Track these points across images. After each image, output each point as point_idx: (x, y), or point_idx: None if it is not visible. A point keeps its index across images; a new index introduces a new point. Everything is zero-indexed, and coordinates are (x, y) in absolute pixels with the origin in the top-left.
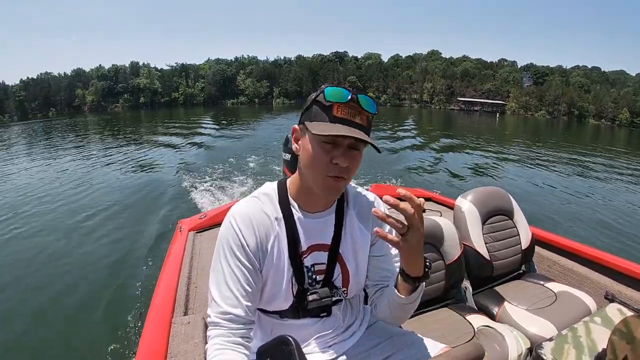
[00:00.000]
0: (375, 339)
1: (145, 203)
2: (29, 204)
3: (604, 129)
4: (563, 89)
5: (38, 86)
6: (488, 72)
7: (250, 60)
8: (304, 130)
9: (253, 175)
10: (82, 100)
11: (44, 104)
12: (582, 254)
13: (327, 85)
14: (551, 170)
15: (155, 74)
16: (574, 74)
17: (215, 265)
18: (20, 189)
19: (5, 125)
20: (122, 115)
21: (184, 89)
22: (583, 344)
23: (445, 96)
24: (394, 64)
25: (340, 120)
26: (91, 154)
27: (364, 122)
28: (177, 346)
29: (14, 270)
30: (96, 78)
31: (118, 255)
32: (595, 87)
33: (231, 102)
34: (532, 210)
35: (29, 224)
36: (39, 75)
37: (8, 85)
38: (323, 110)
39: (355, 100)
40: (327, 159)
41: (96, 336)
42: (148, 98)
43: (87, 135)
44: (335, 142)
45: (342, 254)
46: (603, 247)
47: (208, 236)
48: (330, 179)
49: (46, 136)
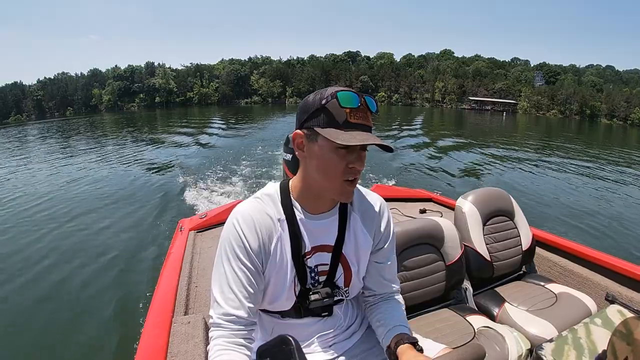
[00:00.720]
0: (375, 339)
1: (146, 202)
2: (31, 203)
3: (615, 128)
4: (575, 88)
5: (55, 86)
6: (500, 72)
7: (264, 60)
8: (313, 136)
9: (255, 176)
10: (99, 100)
11: (62, 103)
12: (582, 255)
13: (336, 90)
14: (554, 169)
15: (170, 74)
16: (587, 73)
17: (217, 267)
18: (18, 187)
19: (23, 124)
20: (137, 114)
21: (199, 89)
22: (583, 345)
23: (457, 95)
24: (406, 64)
25: (357, 126)
26: (98, 153)
27: (370, 123)
28: (177, 346)
29: (10, 269)
30: (112, 78)
31: (118, 254)
32: (608, 87)
33: (245, 101)
34: (533, 211)
35: (29, 223)
36: (56, 75)
37: (25, 85)
38: (337, 116)
39: (365, 102)
40: (343, 164)
41: (96, 335)
42: (163, 98)
43: (102, 134)
44: (348, 147)
45: (345, 255)
46: (604, 248)
47: (209, 236)
48: (347, 184)
49: (63, 134)
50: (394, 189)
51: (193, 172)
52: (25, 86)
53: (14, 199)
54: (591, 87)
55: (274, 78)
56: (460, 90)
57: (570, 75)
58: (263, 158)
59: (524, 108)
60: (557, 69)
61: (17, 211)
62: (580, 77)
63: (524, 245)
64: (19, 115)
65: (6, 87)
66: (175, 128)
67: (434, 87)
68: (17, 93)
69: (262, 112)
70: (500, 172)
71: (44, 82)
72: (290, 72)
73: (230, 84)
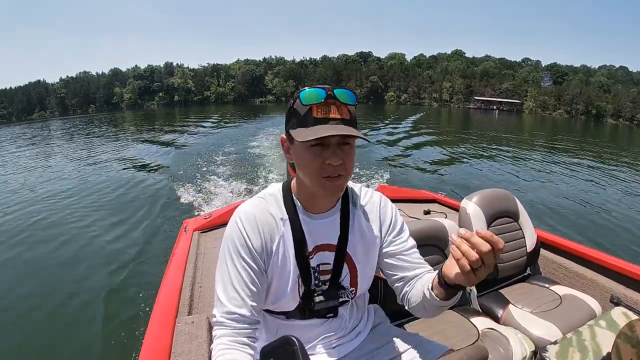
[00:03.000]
0: (379, 340)
1: (149, 202)
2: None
3: (621, 128)
4: (581, 89)
5: (78, 84)
6: (508, 72)
7: (278, 61)
8: (291, 138)
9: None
10: (120, 98)
11: (84, 101)
12: (587, 257)
13: (300, 90)
14: (559, 170)
15: (188, 74)
16: (598, 73)
17: (221, 266)
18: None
19: (47, 120)
20: (157, 111)
21: (216, 88)
22: (588, 347)
23: (464, 95)
24: (416, 64)
25: (321, 121)
26: (105, 150)
27: (345, 115)
28: (181, 345)
29: (15, 269)
30: (132, 77)
31: (123, 254)
32: (617, 87)
33: (259, 100)
34: (538, 212)
35: (30, 223)
36: (78, 74)
37: (48, 83)
38: (303, 115)
39: (333, 96)
40: (319, 161)
41: (100, 335)
42: (182, 96)
43: (119, 130)
44: (323, 143)
45: (350, 254)
46: (609, 250)
47: (213, 236)
48: (326, 180)
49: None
50: (398, 190)
51: (203, 173)
52: (48, 84)
53: (19, 197)
54: (599, 87)
55: (287, 78)
56: (468, 90)
57: (579, 76)
58: (270, 157)
59: (529, 108)
60: (566, 70)
61: (23, 208)
62: (588, 78)
63: (528, 246)
64: (43, 111)
65: (29, 85)
66: (196, 126)
67: (441, 87)
68: (41, 91)
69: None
70: (504, 172)
71: (66, 80)
72: (303, 73)
73: (245, 83)
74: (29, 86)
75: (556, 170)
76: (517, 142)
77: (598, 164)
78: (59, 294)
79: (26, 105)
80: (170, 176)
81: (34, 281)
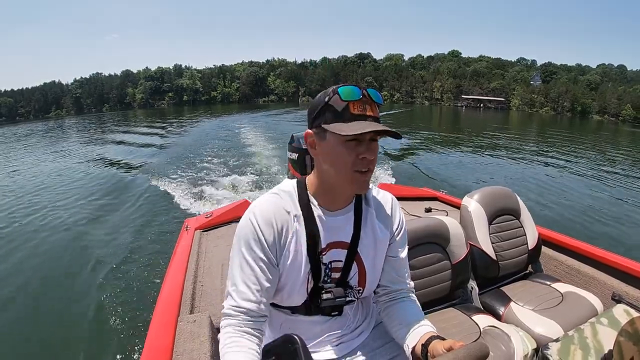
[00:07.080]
0: (381, 339)
1: (150, 201)
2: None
3: (606, 124)
4: (567, 87)
5: (92, 85)
6: (498, 72)
7: (280, 63)
8: (321, 133)
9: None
10: (132, 98)
11: (98, 100)
12: (589, 254)
13: (337, 87)
14: (559, 167)
15: (196, 75)
16: (592, 72)
17: (232, 260)
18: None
19: (63, 118)
20: (167, 110)
21: (222, 89)
22: (589, 344)
23: (454, 94)
24: (411, 65)
25: (360, 117)
26: (108, 149)
27: (377, 114)
28: (183, 344)
29: (15, 269)
30: (143, 78)
31: (124, 253)
32: (606, 85)
33: (262, 100)
34: (539, 209)
35: (30, 222)
36: (91, 75)
37: (63, 83)
38: (340, 111)
39: (367, 95)
40: (353, 156)
41: (102, 334)
42: (190, 96)
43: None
44: (358, 139)
45: (360, 253)
46: (610, 247)
47: (214, 235)
48: (359, 174)
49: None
50: (399, 187)
51: (204, 172)
52: (63, 85)
53: (20, 195)
54: (586, 85)
55: (289, 79)
56: (457, 90)
57: (569, 74)
58: (269, 156)
59: (516, 105)
60: (555, 69)
61: (23, 205)
62: (577, 76)
63: (530, 244)
64: (59, 110)
65: (45, 85)
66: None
67: (432, 86)
68: (57, 91)
69: (279, 106)
70: (506, 170)
71: (81, 81)
72: (303, 74)
73: (249, 84)
74: (45, 86)
75: (532, 159)
76: (489, 136)
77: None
78: (60, 294)
79: (43, 104)
80: (170, 176)
81: (36, 280)
